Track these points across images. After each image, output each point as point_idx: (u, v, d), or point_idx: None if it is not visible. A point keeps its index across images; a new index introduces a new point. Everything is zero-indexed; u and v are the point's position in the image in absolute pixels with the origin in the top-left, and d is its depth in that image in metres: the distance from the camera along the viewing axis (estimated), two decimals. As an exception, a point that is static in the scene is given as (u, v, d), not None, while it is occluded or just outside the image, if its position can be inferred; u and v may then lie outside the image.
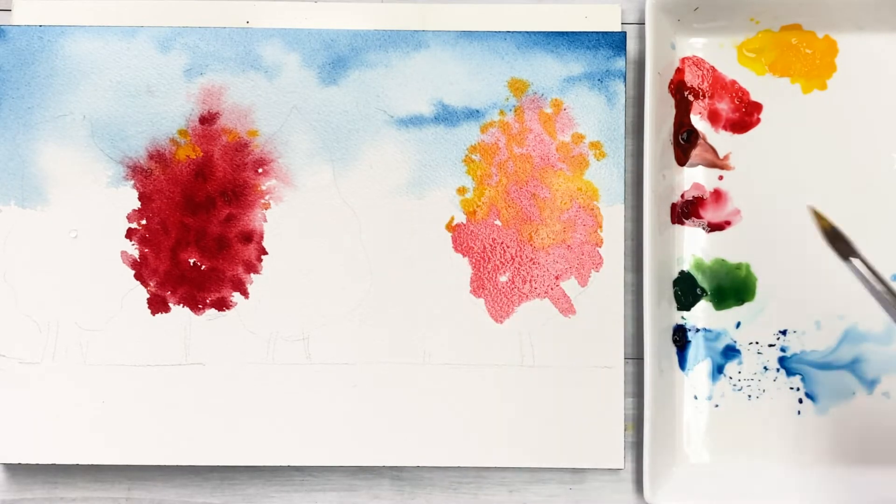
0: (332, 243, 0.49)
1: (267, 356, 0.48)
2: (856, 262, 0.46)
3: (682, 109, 0.50)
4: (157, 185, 0.49)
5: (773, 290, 0.49)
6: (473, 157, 0.49)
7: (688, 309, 0.49)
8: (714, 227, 0.50)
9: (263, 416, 0.48)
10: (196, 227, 0.49)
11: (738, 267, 0.49)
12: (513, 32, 0.49)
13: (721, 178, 0.50)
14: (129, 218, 0.49)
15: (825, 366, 0.49)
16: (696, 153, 0.50)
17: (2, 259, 0.48)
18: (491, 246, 0.49)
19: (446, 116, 0.49)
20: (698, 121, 0.50)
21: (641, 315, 0.47)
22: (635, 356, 0.49)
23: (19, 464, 0.48)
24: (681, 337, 0.49)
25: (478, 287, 0.49)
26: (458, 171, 0.49)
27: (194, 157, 0.49)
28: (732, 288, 0.49)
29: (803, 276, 0.49)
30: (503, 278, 0.49)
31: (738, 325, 0.49)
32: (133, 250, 0.49)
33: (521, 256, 0.49)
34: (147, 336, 0.48)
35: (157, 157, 0.49)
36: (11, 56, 0.49)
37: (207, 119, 0.49)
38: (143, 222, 0.49)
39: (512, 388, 0.48)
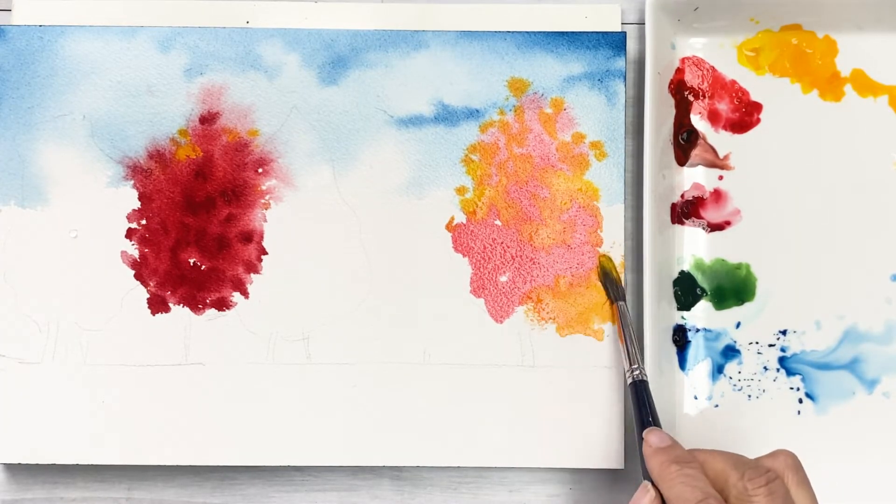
0: (332, 243, 0.49)
1: (267, 356, 0.48)
2: (621, 304, 0.47)
3: (682, 109, 0.50)
4: (157, 185, 0.49)
5: (773, 290, 0.49)
6: (472, 156, 0.49)
7: (688, 309, 0.49)
8: (714, 227, 0.50)
9: (263, 416, 0.47)
10: (196, 227, 0.49)
11: (738, 267, 0.49)
12: (513, 32, 0.49)
13: (721, 178, 0.50)
14: (129, 218, 0.49)
15: (825, 366, 0.49)
16: (696, 153, 0.50)
17: (2, 259, 0.48)
18: (491, 246, 0.49)
19: (446, 116, 0.49)
20: (698, 121, 0.50)
21: (641, 315, 0.47)
22: (635, 356, 0.49)
23: (19, 464, 0.48)
24: (681, 337, 0.49)
25: (478, 287, 0.49)
26: (458, 171, 0.49)
27: (194, 157, 0.49)
28: (732, 288, 0.49)
29: (803, 276, 0.49)
30: (503, 278, 0.49)
31: (738, 325, 0.49)
32: (133, 250, 0.49)
33: (521, 256, 0.49)
34: (147, 336, 0.48)
35: (157, 156, 0.49)
36: (11, 56, 0.49)
37: (207, 119, 0.49)
38: (143, 222, 0.49)
39: (512, 388, 0.48)
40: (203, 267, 0.49)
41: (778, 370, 0.49)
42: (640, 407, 0.43)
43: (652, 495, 0.39)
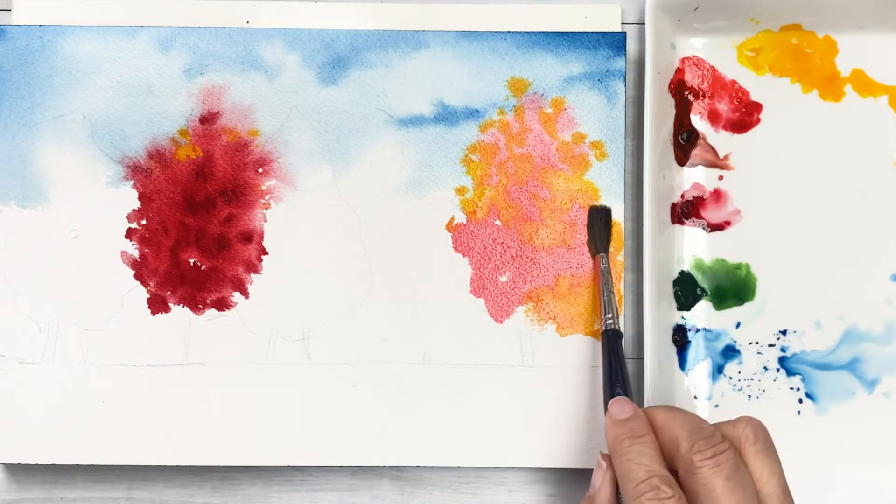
0: (332, 243, 0.49)
1: (267, 356, 0.48)
2: (603, 257, 0.47)
3: (682, 109, 0.50)
4: (157, 184, 0.49)
5: (773, 290, 0.49)
6: (472, 157, 0.49)
7: (688, 309, 0.49)
8: (714, 227, 0.50)
9: (263, 416, 0.47)
10: (196, 227, 0.49)
11: (738, 267, 0.49)
12: (513, 32, 0.49)
13: (721, 178, 0.50)
14: (129, 218, 0.49)
15: (825, 366, 0.49)
16: (696, 153, 0.50)
17: (2, 259, 0.48)
18: (491, 246, 0.49)
19: (446, 116, 0.49)
20: (698, 121, 0.50)
21: (641, 315, 0.47)
22: (635, 356, 0.49)
23: (19, 464, 0.48)
24: (681, 337, 0.49)
25: (478, 287, 0.49)
26: (458, 171, 0.49)
27: (194, 157, 0.49)
28: (732, 288, 0.49)
29: (803, 276, 0.49)
30: (503, 278, 0.49)
31: (738, 325, 0.49)
32: (133, 250, 0.49)
33: (521, 256, 0.49)
34: (147, 336, 0.48)
35: (157, 156, 0.49)
36: (11, 56, 0.49)
37: (208, 119, 0.49)
38: (143, 222, 0.49)
39: (512, 388, 0.48)
40: (203, 267, 0.49)
41: (778, 370, 0.49)
42: (610, 362, 0.42)
43: (603, 469, 0.38)
